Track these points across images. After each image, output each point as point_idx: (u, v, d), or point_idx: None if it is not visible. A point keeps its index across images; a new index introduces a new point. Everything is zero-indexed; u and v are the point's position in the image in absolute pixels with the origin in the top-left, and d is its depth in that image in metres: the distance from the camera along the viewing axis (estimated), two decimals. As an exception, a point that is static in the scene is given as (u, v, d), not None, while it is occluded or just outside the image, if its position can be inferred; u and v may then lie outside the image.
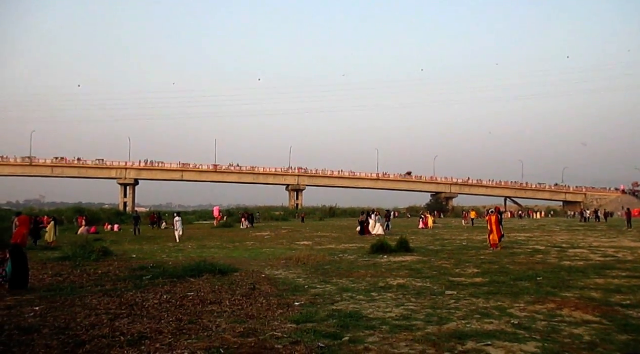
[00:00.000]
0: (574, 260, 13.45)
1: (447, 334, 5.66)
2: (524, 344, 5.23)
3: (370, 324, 6.24)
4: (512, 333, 5.73)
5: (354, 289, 8.96)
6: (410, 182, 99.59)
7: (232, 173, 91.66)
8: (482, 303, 7.58)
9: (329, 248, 18.48)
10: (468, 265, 12.47)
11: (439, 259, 14.08)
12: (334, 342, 5.42)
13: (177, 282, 9.81)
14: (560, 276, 10.27)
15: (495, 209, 19.25)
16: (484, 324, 6.15)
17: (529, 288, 8.89)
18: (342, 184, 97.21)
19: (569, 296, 8.00)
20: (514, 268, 11.70)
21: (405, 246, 16.33)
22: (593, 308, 7.01)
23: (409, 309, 7.17)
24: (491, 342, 5.32)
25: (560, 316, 6.62)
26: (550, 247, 17.64)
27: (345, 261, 13.76)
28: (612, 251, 16.29)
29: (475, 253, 15.65)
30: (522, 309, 7.08)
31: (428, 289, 8.94)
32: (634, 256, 14.43)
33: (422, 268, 12.04)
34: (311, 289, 9.00)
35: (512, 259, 13.79)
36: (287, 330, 5.98)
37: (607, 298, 7.82)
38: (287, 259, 14.09)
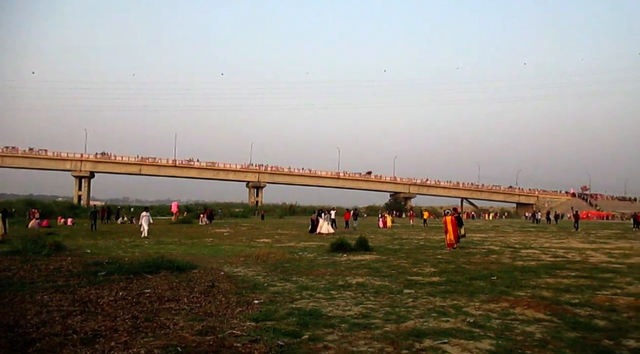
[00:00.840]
0: (526, 260, 13.89)
1: (405, 332, 5.73)
2: (479, 342, 5.36)
3: (330, 322, 6.26)
4: (467, 330, 5.87)
5: (314, 287, 8.97)
6: (370, 181, 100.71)
7: (192, 168, 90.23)
8: (439, 301, 7.72)
9: (288, 246, 18.45)
10: (425, 264, 12.69)
11: (397, 258, 14.27)
12: (293, 340, 5.41)
13: (133, 278, 9.57)
14: (513, 276, 10.59)
15: (453, 210, 19.68)
16: (441, 323, 6.26)
17: (484, 287, 9.12)
18: (303, 181, 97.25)
19: (521, 295, 8.25)
20: (469, 268, 11.98)
21: (364, 245, 16.47)
22: (544, 307, 7.26)
23: (368, 307, 7.23)
24: (447, 340, 5.43)
25: (513, 314, 6.82)
26: (504, 248, 18.17)
27: (305, 259, 13.77)
28: (561, 251, 16.92)
29: (432, 253, 15.95)
30: (477, 307, 7.25)
31: (386, 287, 9.05)
32: (582, 257, 15.04)
33: (380, 266, 12.18)
34: (270, 287, 8.95)
35: (467, 258, 14.13)
36: (246, 328, 5.92)
37: (557, 297, 8.11)
38: (247, 256, 13.98)
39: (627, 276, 10.80)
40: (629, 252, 17.08)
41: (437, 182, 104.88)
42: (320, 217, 27.58)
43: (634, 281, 10.06)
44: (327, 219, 27.37)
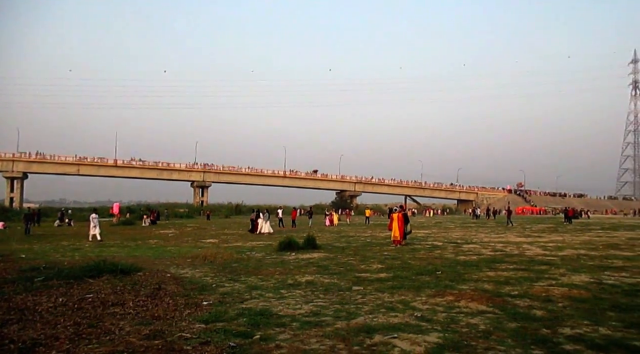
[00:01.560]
0: (468, 255, 14.41)
1: (355, 329, 5.82)
2: (426, 335, 5.52)
3: (281, 321, 6.26)
4: (415, 324, 6.03)
5: (263, 287, 8.93)
6: (317, 180, 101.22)
7: (134, 168, 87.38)
8: (387, 297, 7.88)
9: (236, 246, 18.26)
10: (373, 261, 12.91)
11: (345, 255, 14.44)
12: (244, 341, 5.37)
13: (73, 283, 9.15)
14: (456, 270, 10.96)
15: (400, 207, 20.13)
16: (390, 318, 6.40)
17: (429, 281, 9.39)
18: (249, 181, 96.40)
19: (465, 289, 8.56)
20: (415, 263, 12.29)
21: (312, 243, 16.56)
22: (486, 299, 7.56)
23: (318, 305, 7.28)
24: (397, 334, 5.55)
25: (458, 307, 7.07)
26: (446, 243, 18.77)
27: (253, 259, 13.67)
28: (500, 245, 17.68)
29: (379, 249, 16.24)
30: (424, 302, 7.46)
31: (336, 285, 9.14)
32: (519, 250, 15.77)
33: (329, 264, 12.28)
34: (219, 288, 8.83)
35: (413, 254, 14.49)
36: (195, 330, 5.82)
37: (498, 289, 8.47)
38: (193, 257, 13.72)
39: (560, 267, 11.43)
40: (561, 245, 18.08)
41: (382, 180, 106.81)
42: (259, 217, 27.15)
43: (567, 272, 10.66)
44: (266, 218, 27.01)
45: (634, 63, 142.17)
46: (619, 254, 14.64)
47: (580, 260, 13.05)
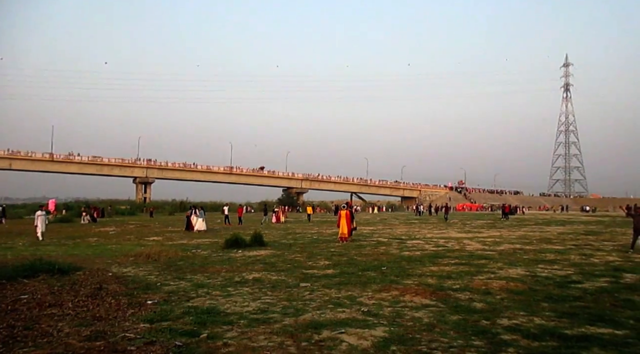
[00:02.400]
0: (412, 250, 14.79)
1: (303, 325, 5.86)
2: (373, 330, 5.64)
3: (228, 319, 6.21)
4: (362, 319, 6.14)
5: (210, 285, 8.81)
6: (263, 176, 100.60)
7: (72, 163, 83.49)
8: (334, 293, 7.98)
9: (180, 243, 17.89)
10: (319, 257, 13.01)
11: (292, 252, 14.47)
12: (191, 339, 5.29)
13: (6, 284, 8.67)
14: (401, 265, 11.23)
15: (346, 205, 20.37)
16: (337, 313, 6.49)
17: (375, 277, 9.58)
18: (194, 177, 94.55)
19: (409, 283, 8.79)
20: (361, 259, 12.49)
21: (259, 240, 16.48)
22: (430, 293, 7.81)
23: (266, 302, 7.28)
24: (344, 329, 5.64)
25: (403, 301, 7.26)
26: (391, 239, 19.17)
27: (199, 256, 13.45)
28: (442, 241, 18.25)
29: (326, 246, 16.38)
30: (370, 297, 7.61)
31: (283, 282, 9.15)
32: (460, 246, 16.35)
33: (276, 261, 12.27)
34: (164, 287, 8.64)
35: (359, 251, 14.71)
36: (140, 330, 5.68)
37: (440, 284, 8.76)
38: (136, 255, 13.32)
39: (498, 261, 11.95)
40: (499, 240, 18.90)
41: (329, 177, 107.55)
42: (195, 214, 26.15)
43: (504, 266, 11.17)
44: (201, 216, 26.07)
45: (566, 67, 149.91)
46: (551, 248, 15.47)
47: (516, 254, 13.69)
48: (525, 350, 4.90)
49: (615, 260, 12.41)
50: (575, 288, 8.43)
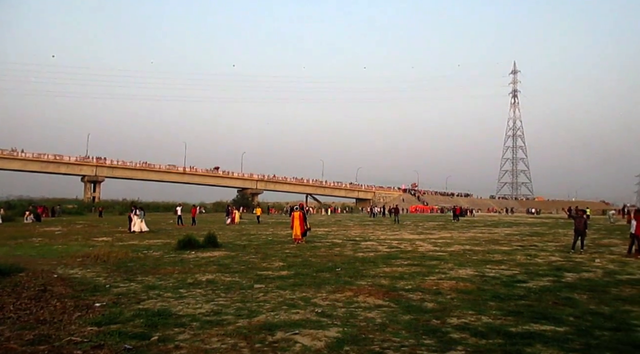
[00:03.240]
0: (366, 252, 14.98)
1: (257, 327, 5.84)
2: (327, 330, 5.68)
3: (180, 321, 6.10)
4: (316, 320, 6.17)
5: (161, 287, 8.64)
6: (218, 177, 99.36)
7: (15, 159, 79.51)
8: (289, 294, 7.98)
9: (131, 244, 17.42)
10: (274, 259, 12.98)
11: (247, 253, 14.37)
12: (141, 342, 5.17)
13: (-59, 288, 8.22)
14: (355, 267, 11.35)
15: (299, 206, 20.43)
16: (291, 315, 6.49)
17: (330, 278, 9.65)
18: (146, 176, 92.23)
19: (363, 284, 8.90)
20: (315, 261, 12.55)
21: (213, 241, 16.28)
22: (383, 294, 7.94)
23: (219, 304, 7.20)
24: (298, 331, 5.65)
25: (356, 302, 7.34)
26: (346, 241, 19.35)
27: (150, 258, 13.15)
28: (395, 242, 18.58)
29: (281, 247, 16.35)
30: (324, 298, 7.66)
31: (237, 283, 9.07)
32: (412, 247, 16.69)
33: (230, 262, 12.15)
34: (113, 288, 8.40)
35: (313, 252, 14.77)
36: (87, 334, 5.50)
37: (393, 284, 8.91)
38: (84, 256, 12.88)
39: (449, 262, 12.28)
40: (449, 241, 19.41)
41: (285, 178, 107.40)
42: (135, 214, 24.94)
43: (454, 266, 11.48)
44: (141, 216, 24.92)
45: (514, 73, 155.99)
46: (499, 249, 16.03)
47: (466, 255, 14.11)
48: (473, 348, 5.05)
49: (558, 260, 12.98)
50: (521, 287, 8.77)
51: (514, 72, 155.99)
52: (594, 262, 12.68)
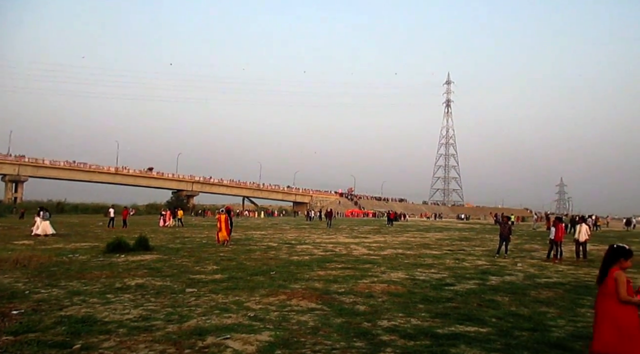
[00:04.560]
0: (301, 255, 15.02)
1: (187, 332, 5.71)
2: (259, 334, 5.65)
3: (106, 328, 5.86)
4: (248, 324, 6.13)
5: (87, 292, 8.25)
6: (152, 178, 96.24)
7: None
8: (221, 298, 7.87)
9: (55, 248, 16.51)
10: (208, 262, 12.75)
11: (179, 257, 14.03)
12: (62, 351, 4.92)
13: None
14: (290, 270, 11.36)
15: (225, 209, 20.38)
16: (223, 319, 6.41)
17: (264, 281, 9.60)
18: (74, 176, 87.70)
19: (297, 288, 8.92)
20: (250, 264, 12.44)
21: (144, 244, 15.76)
22: (316, 297, 8.00)
23: (149, 309, 6.98)
24: (230, 335, 5.59)
25: (290, 306, 7.35)
26: (281, 244, 19.32)
27: (76, 262, 12.54)
28: (330, 246, 18.76)
29: (215, 250, 16.08)
30: (258, 302, 7.61)
31: (168, 287, 8.84)
32: (347, 250, 16.92)
33: (162, 266, 11.81)
34: (34, 295, 7.93)
35: (248, 255, 14.64)
36: (1, 344, 5.16)
37: (327, 288, 9.00)
38: (2, 261, 12.08)
39: (382, 266, 12.55)
40: (383, 245, 19.85)
41: (221, 180, 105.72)
42: (38, 216, 23.16)
43: (387, 270, 11.76)
44: (46, 217, 23.18)
45: (447, 84, 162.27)
46: (429, 253, 16.58)
47: (398, 259, 14.48)
48: (401, 349, 5.20)
49: (484, 264, 13.60)
50: (449, 290, 9.12)
51: (447, 82, 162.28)
52: (517, 266, 13.39)
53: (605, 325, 4.02)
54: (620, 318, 3.95)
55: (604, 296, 4.10)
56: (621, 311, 3.96)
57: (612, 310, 4.00)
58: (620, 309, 3.96)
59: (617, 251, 4.16)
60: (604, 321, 4.05)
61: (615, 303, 3.99)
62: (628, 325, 3.92)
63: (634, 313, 3.98)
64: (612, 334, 3.95)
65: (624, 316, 3.94)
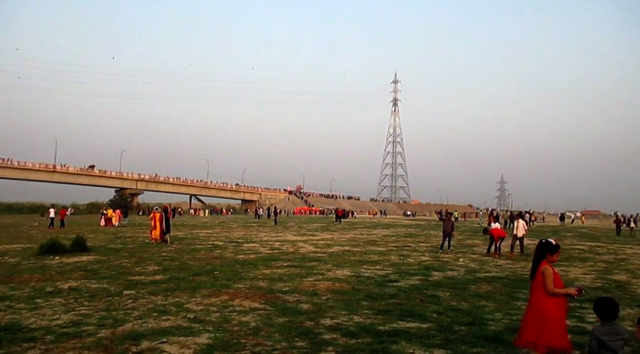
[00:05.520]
0: (247, 253, 14.81)
1: (121, 336, 5.44)
2: (197, 337, 5.46)
3: (31, 335, 5.49)
4: (187, 327, 5.92)
5: (14, 297, 7.75)
6: (93, 176, 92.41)
7: None
8: (161, 300, 7.59)
9: (-17, 250, 15.53)
10: (149, 263, 12.33)
11: (119, 257, 13.50)
12: (-20, 362, 4.57)
13: None
14: (234, 269, 11.15)
15: (161, 207, 20.06)
16: (161, 322, 6.16)
17: (206, 282, 9.35)
18: (7, 174, 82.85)
19: (240, 287, 8.75)
20: (193, 264, 12.13)
21: (81, 245, 15.07)
22: (259, 296, 7.86)
23: (81, 314, 6.61)
24: (166, 339, 5.37)
25: (232, 306, 7.18)
26: (227, 243, 19.00)
27: (5, 264, 11.82)
28: (278, 244, 18.62)
29: (158, 250, 15.60)
30: (199, 303, 7.39)
31: (104, 290, 8.45)
32: (294, 248, 16.84)
33: (99, 267, 11.32)
34: (-47, 301, 7.38)
35: (192, 255, 14.28)
36: None
37: (271, 286, 8.87)
38: None
39: (328, 263, 12.55)
40: (330, 242, 19.90)
41: (167, 178, 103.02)
42: None
43: (332, 267, 11.75)
44: None
45: (395, 83, 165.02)
46: (375, 250, 16.75)
47: (344, 256, 14.53)
48: (342, 348, 5.15)
49: (427, 260, 13.87)
50: (392, 286, 9.20)
51: (394, 81, 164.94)
52: (458, 261, 13.73)
53: (532, 316, 4.17)
54: (546, 310, 4.10)
55: (534, 289, 4.25)
56: (548, 303, 4.11)
57: (539, 302, 4.17)
58: (547, 301, 4.11)
59: (544, 246, 4.31)
60: (531, 313, 4.21)
61: (543, 295, 4.14)
62: (553, 316, 4.08)
63: (561, 304, 4.13)
64: (537, 325, 4.10)
65: (550, 308, 4.09)
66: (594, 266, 13.04)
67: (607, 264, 13.59)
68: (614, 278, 10.95)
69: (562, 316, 4.12)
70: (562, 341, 4.04)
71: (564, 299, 4.17)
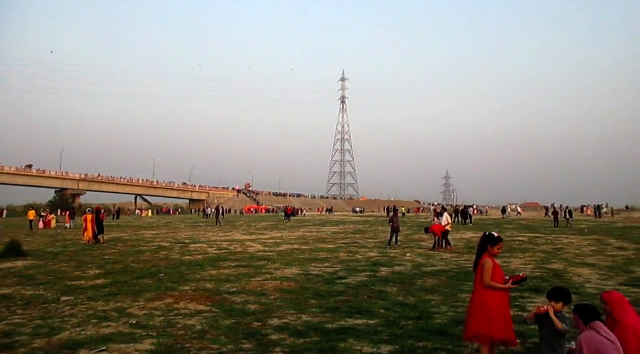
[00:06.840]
0: (194, 254, 14.49)
1: (57, 346, 5.17)
2: (139, 343, 5.26)
3: (-44, 349, 5.14)
4: (129, 333, 5.70)
5: (-62, 308, 7.23)
6: (31, 176, 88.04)
7: None
8: (101, 305, 7.29)
9: None
10: (90, 266, 11.85)
11: (58, 262, 12.89)
12: None
13: None
14: (180, 271, 10.88)
15: (93, 209, 19.76)
16: (101, 329, 5.91)
17: (151, 284, 9.07)
18: None
19: (186, 289, 8.53)
20: (137, 266, 11.75)
21: (16, 249, 14.29)
22: (206, 298, 7.69)
23: (13, 323, 6.24)
24: (106, 346, 5.14)
25: (176, 309, 6.98)
26: (174, 243, 18.54)
27: None
28: (226, 243, 18.34)
29: (100, 253, 15.02)
30: (142, 307, 7.14)
31: (40, 296, 8.03)
32: (242, 247, 16.63)
33: (35, 273, 10.76)
34: None
35: (137, 257, 13.84)
36: None
37: (218, 288, 8.70)
38: None
39: (276, 262, 12.46)
40: (279, 241, 19.80)
41: (111, 178, 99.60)
42: None
43: (280, 266, 11.68)
44: None
45: (342, 81, 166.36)
46: (324, 247, 16.80)
47: (293, 254, 14.48)
48: (290, 348, 5.11)
49: (375, 256, 14.03)
50: (341, 283, 9.23)
51: (342, 79, 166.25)
52: (405, 256, 13.98)
53: (475, 309, 4.25)
54: (487, 302, 4.18)
55: (477, 281, 4.33)
56: (489, 295, 4.19)
57: (482, 294, 4.24)
58: (487, 293, 4.20)
59: (486, 238, 4.41)
60: (474, 305, 4.29)
61: (483, 288, 4.23)
62: (494, 308, 4.15)
63: (501, 296, 4.23)
64: (480, 317, 4.18)
65: (490, 300, 4.18)
66: (533, 256, 13.61)
67: (545, 254, 14.21)
68: (552, 267, 11.46)
69: (505, 307, 4.21)
70: (505, 333, 4.14)
71: (505, 291, 4.27)
